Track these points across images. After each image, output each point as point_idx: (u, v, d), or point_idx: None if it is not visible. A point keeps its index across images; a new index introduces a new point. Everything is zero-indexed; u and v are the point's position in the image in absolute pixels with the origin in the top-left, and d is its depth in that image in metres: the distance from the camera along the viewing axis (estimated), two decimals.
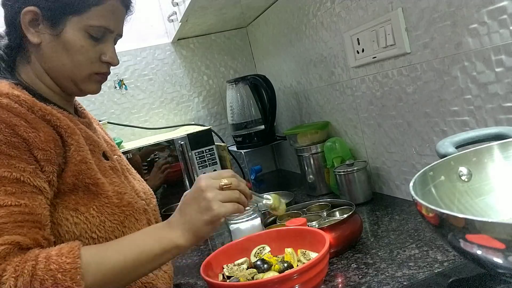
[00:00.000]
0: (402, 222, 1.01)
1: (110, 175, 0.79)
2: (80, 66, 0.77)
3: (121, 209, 0.76)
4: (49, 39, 0.75)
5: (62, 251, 0.62)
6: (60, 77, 0.78)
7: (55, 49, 0.75)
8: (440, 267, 0.76)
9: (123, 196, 0.78)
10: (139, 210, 0.80)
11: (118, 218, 0.75)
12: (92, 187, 0.73)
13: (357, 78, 1.24)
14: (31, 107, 0.70)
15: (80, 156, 0.73)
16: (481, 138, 0.69)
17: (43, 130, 0.68)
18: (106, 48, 0.79)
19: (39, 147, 0.67)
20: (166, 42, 1.92)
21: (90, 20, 0.75)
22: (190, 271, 1.05)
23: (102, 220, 0.73)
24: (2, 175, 0.62)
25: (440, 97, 0.96)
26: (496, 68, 0.81)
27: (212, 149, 1.56)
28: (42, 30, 0.74)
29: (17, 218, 0.62)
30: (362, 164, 1.23)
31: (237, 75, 2.01)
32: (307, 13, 1.42)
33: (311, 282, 0.69)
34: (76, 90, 0.81)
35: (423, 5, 0.93)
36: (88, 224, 0.71)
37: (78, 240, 0.69)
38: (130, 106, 1.88)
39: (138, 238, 0.70)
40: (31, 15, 0.73)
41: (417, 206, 0.52)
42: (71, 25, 0.74)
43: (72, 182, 0.71)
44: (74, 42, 0.75)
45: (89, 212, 0.72)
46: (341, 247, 0.91)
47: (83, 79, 0.79)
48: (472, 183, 0.63)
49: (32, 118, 0.68)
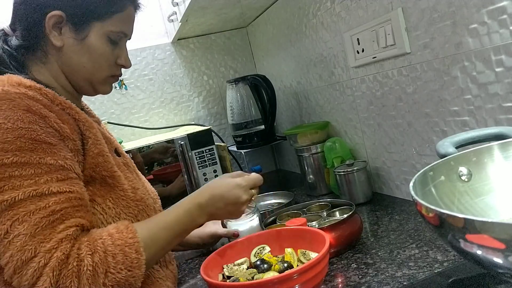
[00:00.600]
0: (402, 222, 1.01)
1: (124, 170, 0.82)
2: (100, 69, 0.81)
3: (136, 203, 0.79)
4: (72, 43, 0.77)
5: (120, 228, 0.69)
6: (77, 78, 0.81)
7: (77, 53, 0.78)
8: (440, 267, 0.76)
9: (136, 191, 0.81)
10: (149, 207, 0.83)
11: (132, 211, 0.78)
12: (109, 180, 0.76)
13: (357, 78, 1.24)
14: (53, 100, 0.72)
15: (98, 149, 0.75)
16: (481, 138, 0.69)
17: (67, 121, 0.71)
18: (121, 52, 0.83)
19: (70, 138, 0.70)
20: (166, 42, 1.92)
21: (112, 26, 0.79)
22: (190, 271, 1.04)
23: (118, 212, 0.75)
24: (49, 163, 0.66)
25: (440, 97, 0.96)
26: (496, 68, 0.81)
27: (212, 149, 1.56)
28: (65, 34, 0.77)
29: (74, 203, 0.67)
30: (362, 164, 1.23)
31: (237, 75, 2.01)
32: (307, 13, 1.42)
33: (311, 282, 0.69)
34: (91, 91, 0.84)
35: (423, 5, 0.93)
36: (104, 215, 0.74)
37: None
38: (130, 106, 1.88)
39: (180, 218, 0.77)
40: (56, 19, 0.75)
41: (417, 206, 0.52)
42: (95, 30, 0.78)
43: (90, 174, 0.73)
44: (97, 46, 0.79)
45: (105, 203, 0.74)
46: (341, 247, 0.91)
47: (101, 81, 0.83)
48: (472, 183, 0.63)
49: (57, 110, 0.71)
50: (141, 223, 0.75)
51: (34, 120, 0.66)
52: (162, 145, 1.51)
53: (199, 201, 0.79)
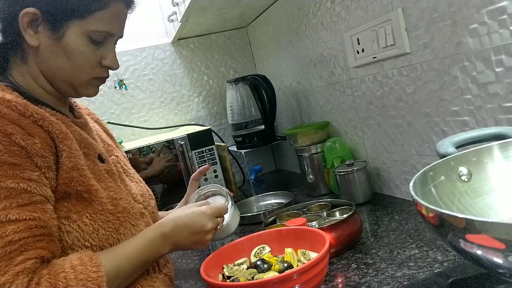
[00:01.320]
0: (402, 222, 1.01)
1: (106, 179, 0.77)
2: (80, 71, 0.75)
3: (116, 216, 0.74)
4: (48, 43, 0.72)
5: (83, 260, 0.64)
6: (58, 81, 0.75)
7: (54, 53, 0.73)
8: (440, 267, 0.76)
9: (118, 202, 0.76)
10: (135, 215, 0.79)
11: (112, 226, 0.73)
12: (85, 194, 0.71)
13: (357, 78, 1.24)
14: (23, 113, 0.66)
15: (72, 163, 0.70)
16: (481, 138, 0.69)
17: (38, 135, 0.66)
18: (106, 52, 0.77)
19: (39, 154, 0.65)
20: (166, 42, 1.92)
21: (93, 25, 0.72)
22: (190, 271, 1.04)
23: (96, 228, 0.71)
24: (10, 187, 0.61)
25: (440, 97, 0.96)
26: (496, 68, 0.81)
27: (212, 149, 1.56)
28: (41, 33, 0.71)
29: (35, 232, 0.62)
30: (362, 164, 1.23)
31: (237, 75, 2.01)
32: (307, 13, 1.42)
33: (311, 282, 0.69)
34: (74, 93, 0.78)
35: (423, 5, 0.93)
36: (80, 233, 0.69)
37: (71, 248, 0.69)
38: (130, 106, 1.88)
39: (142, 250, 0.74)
40: (30, 17, 0.70)
41: (417, 206, 0.52)
42: (73, 29, 0.72)
43: (63, 189, 0.69)
44: (75, 47, 0.72)
45: (81, 220, 0.69)
46: (341, 247, 0.91)
47: (83, 83, 0.77)
48: (472, 183, 0.63)
49: (26, 124, 0.66)
50: (106, 253, 0.70)
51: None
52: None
53: (163, 231, 0.76)
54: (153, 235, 0.76)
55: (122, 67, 1.84)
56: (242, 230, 1.26)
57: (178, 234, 0.77)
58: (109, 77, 0.82)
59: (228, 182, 1.61)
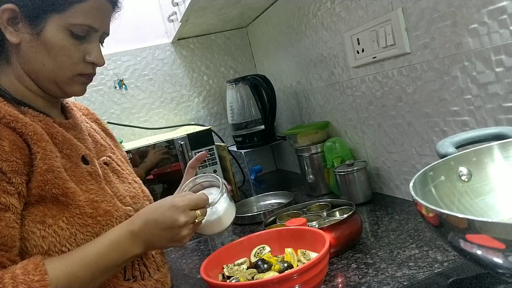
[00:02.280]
0: (402, 222, 1.01)
1: (87, 181, 0.74)
2: (62, 68, 0.72)
3: (96, 220, 0.71)
4: (28, 39, 0.70)
5: (27, 269, 0.59)
6: (41, 79, 0.73)
7: (35, 50, 0.71)
8: (440, 267, 0.76)
9: (99, 204, 0.72)
10: (120, 219, 0.75)
11: (91, 230, 0.70)
12: (61, 198, 0.68)
13: (357, 78, 1.24)
14: None
15: (46, 165, 0.67)
16: (481, 138, 0.69)
17: (7, 138, 0.64)
18: (90, 47, 0.74)
19: (3, 158, 0.63)
20: (166, 42, 1.92)
21: (73, 19, 0.70)
22: (190, 271, 1.05)
23: (73, 232, 0.68)
24: None
25: (440, 97, 0.96)
26: (496, 68, 0.81)
27: (212, 149, 1.56)
28: (21, 29, 0.70)
29: None
30: (362, 164, 1.23)
31: (237, 75, 2.01)
32: (307, 13, 1.42)
33: (311, 282, 0.69)
34: (59, 92, 0.76)
35: (423, 5, 0.93)
36: (57, 238, 0.66)
37: (47, 254, 0.66)
38: (130, 106, 1.88)
39: (104, 252, 0.68)
40: (9, 13, 0.68)
41: (417, 206, 0.52)
42: (52, 24, 0.69)
43: (38, 193, 0.66)
44: (56, 42, 0.70)
45: (57, 224, 0.67)
46: (341, 247, 0.91)
47: (67, 81, 0.74)
48: (472, 183, 0.63)
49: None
50: (59, 259, 0.65)
51: None
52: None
53: (132, 229, 0.70)
54: (119, 235, 0.70)
55: (122, 67, 1.84)
56: (242, 230, 1.26)
57: (149, 231, 0.70)
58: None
59: (228, 182, 1.61)
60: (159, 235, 0.71)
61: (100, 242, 0.69)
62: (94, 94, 1.80)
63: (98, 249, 0.68)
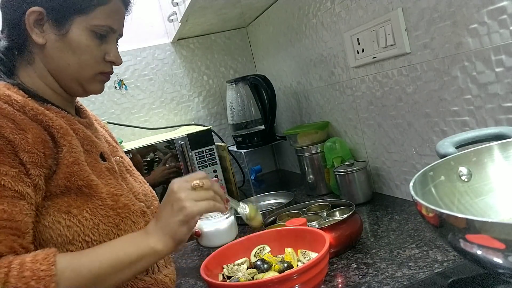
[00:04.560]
0: (402, 222, 1.01)
1: (106, 176, 0.77)
2: (86, 66, 0.77)
3: (116, 211, 0.74)
4: (54, 39, 0.74)
5: (37, 258, 0.60)
6: (64, 78, 0.77)
7: (60, 49, 0.75)
8: (440, 267, 0.76)
9: (118, 198, 0.76)
10: (136, 213, 0.78)
11: (113, 221, 0.73)
12: (85, 189, 0.71)
13: (357, 78, 1.24)
14: (22, 107, 0.68)
15: (73, 158, 0.71)
16: (481, 138, 0.69)
17: (32, 131, 0.67)
18: (109, 47, 0.79)
19: (25, 149, 0.65)
20: (166, 42, 1.92)
21: (96, 20, 0.75)
22: (190, 271, 1.05)
23: (96, 222, 0.71)
24: None
25: (440, 97, 0.96)
26: (496, 68, 0.81)
27: (212, 149, 1.56)
28: (47, 31, 0.74)
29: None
30: (362, 164, 1.23)
31: (237, 75, 2.01)
32: (307, 13, 1.42)
33: (311, 282, 0.69)
34: (80, 91, 0.80)
35: (423, 5, 0.93)
36: (81, 227, 0.69)
37: (71, 243, 0.68)
38: (130, 106, 1.88)
39: (115, 245, 0.69)
40: (36, 16, 0.73)
41: (417, 206, 0.52)
42: (77, 25, 0.74)
43: (64, 184, 0.69)
44: (80, 42, 0.75)
45: (82, 214, 0.70)
46: (341, 247, 0.91)
47: (89, 79, 0.79)
48: (472, 183, 0.63)
49: (21, 119, 0.66)
50: (69, 253, 0.66)
51: None
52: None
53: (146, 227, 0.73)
54: (133, 233, 0.73)
55: (122, 67, 1.84)
56: (242, 230, 1.26)
57: (157, 219, 0.72)
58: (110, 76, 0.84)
59: (228, 182, 1.61)
60: (164, 216, 0.71)
61: (116, 239, 0.71)
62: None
63: (111, 243, 0.70)
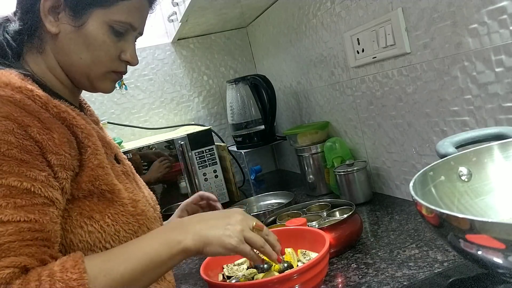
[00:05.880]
0: (402, 222, 1.01)
1: (123, 180, 0.74)
2: (99, 63, 0.72)
3: (136, 218, 0.71)
4: (69, 30, 0.69)
5: (65, 266, 0.56)
6: (74, 72, 0.73)
7: (74, 42, 0.70)
8: (440, 267, 0.76)
9: (137, 203, 0.72)
10: (151, 219, 0.75)
11: (132, 228, 0.69)
12: (108, 194, 0.68)
13: (357, 78, 1.24)
14: (45, 104, 0.64)
15: (98, 160, 0.67)
16: (481, 138, 0.69)
17: (57, 130, 0.63)
18: (127, 46, 0.74)
19: (53, 151, 0.61)
20: (166, 42, 1.92)
21: (116, 15, 0.70)
22: (190, 271, 1.05)
23: (117, 229, 0.67)
24: (12, 185, 0.56)
25: (440, 97, 0.96)
26: (496, 68, 0.81)
27: (212, 149, 1.56)
28: (62, 20, 0.69)
29: (25, 236, 0.56)
30: (362, 164, 1.23)
31: (237, 75, 2.01)
32: (307, 13, 1.42)
33: (311, 282, 0.69)
34: (89, 87, 0.76)
35: (423, 5, 0.93)
36: (102, 233, 0.65)
37: (91, 250, 0.64)
38: (130, 106, 1.88)
39: (146, 244, 0.63)
40: (52, 2, 0.68)
41: (417, 206, 0.52)
42: (95, 18, 0.69)
43: (88, 188, 0.65)
44: (97, 36, 0.70)
45: (104, 220, 0.66)
46: (341, 247, 0.91)
47: (99, 76, 0.74)
48: (472, 183, 0.63)
49: (46, 117, 0.62)
50: (97, 256, 0.62)
51: (11, 130, 0.57)
52: None
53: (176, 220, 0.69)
54: (163, 227, 0.69)
55: None
56: None
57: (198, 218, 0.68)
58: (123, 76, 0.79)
59: (228, 182, 1.61)
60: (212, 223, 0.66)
61: (143, 236, 0.67)
62: (94, 94, 1.80)
63: (140, 242, 0.65)
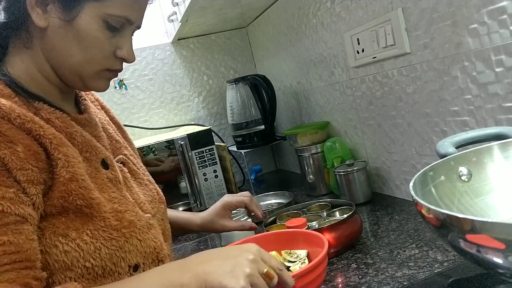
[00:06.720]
0: (402, 222, 1.01)
1: (109, 189, 0.67)
2: (91, 60, 0.66)
3: (121, 232, 0.64)
4: (58, 25, 0.63)
5: None
6: (64, 70, 0.66)
7: (63, 37, 0.63)
8: (440, 267, 0.76)
9: (123, 215, 0.66)
10: (142, 229, 0.69)
11: (116, 243, 0.63)
12: (85, 209, 0.61)
13: (357, 78, 1.24)
14: (7, 114, 0.57)
15: (69, 174, 0.60)
16: (481, 138, 0.69)
17: (21, 142, 0.57)
18: (122, 41, 0.68)
19: (18, 167, 0.55)
20: (166, 42, 1.92)
21: (111, 9, 0.64)
22: None
23: (98, 246, 0.61)
24: None
25: (440, 97, 0.96)
26: (496, 68, 0.81)
27: (212, 149, 1.56)
28: (51, 13, 0.62)
29: (2, 261, 0.51)
30: (362, 164, 1.23)
31: (237, 75, 2.01)
32: (307, 13, 1.42)
33: (310, 286, 0.68)
34: (81, 86, 0.69)
35: (423, 5, 0.93)
36: (80, 252, 0.59)
37: (70, 269, 0.59)
38: (130, 106, 1.88)
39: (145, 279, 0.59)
40: None
41: (417, 206, 0.52)
42: (88, 11, 0.63)
43: (60, 204, 0.59)
44: (89, 31, 0.63)
45: (81, 238, 0.60)
46: (341, 247, 0.91)
47: (92, 75, 0.67)
48: (472, 183, 0.63)
49: (8, 129, 0.56)
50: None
51: None
52: None
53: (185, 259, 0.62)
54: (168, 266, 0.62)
55: None
56: None
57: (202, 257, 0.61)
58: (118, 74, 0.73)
59: (228, 182, 1.61)
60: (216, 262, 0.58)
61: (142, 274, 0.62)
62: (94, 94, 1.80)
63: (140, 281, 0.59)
